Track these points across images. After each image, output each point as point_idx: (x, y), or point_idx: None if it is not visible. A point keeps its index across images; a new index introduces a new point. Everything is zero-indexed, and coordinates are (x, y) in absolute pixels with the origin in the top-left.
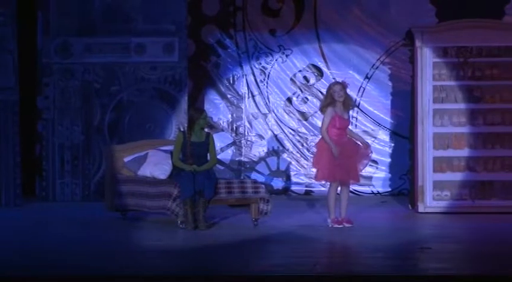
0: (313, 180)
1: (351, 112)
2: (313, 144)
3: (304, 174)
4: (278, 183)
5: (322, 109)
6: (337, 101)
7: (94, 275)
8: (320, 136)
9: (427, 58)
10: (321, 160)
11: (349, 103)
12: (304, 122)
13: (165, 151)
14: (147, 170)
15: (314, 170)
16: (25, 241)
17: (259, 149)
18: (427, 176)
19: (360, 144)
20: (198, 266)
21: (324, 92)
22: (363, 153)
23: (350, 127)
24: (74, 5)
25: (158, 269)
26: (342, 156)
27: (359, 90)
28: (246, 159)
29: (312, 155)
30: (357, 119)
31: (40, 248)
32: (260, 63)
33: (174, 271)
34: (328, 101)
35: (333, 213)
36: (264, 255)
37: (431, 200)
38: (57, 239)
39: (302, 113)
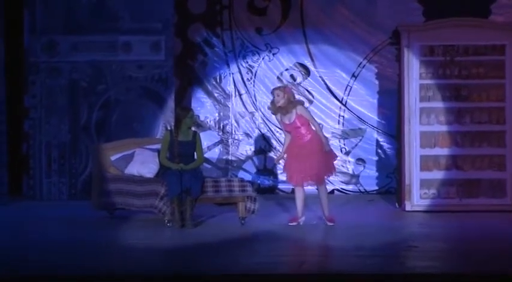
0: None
1: (299, 113)
2: None
3: None
4: (265, 182)
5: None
6: (276, 105)
7: (80, 274)
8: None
9: (413, 57)
10: (286, 165)
11: (291, 104)
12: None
13: (152, 150)
14: (134, 169)
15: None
16: (10, 240)
17: (246, 148)
18: (414, 174)
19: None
20: (185, 264)
21: (311, 91)
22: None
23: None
24: (61, 3)
25: (145, 267)
26: (301, 157)
27: (346, 89)
28: (233, 158)
29: None
30: (344, 117)
31: (25, 247)
32: (247, 62)
33: (161, 270)
34: (272, 107)
35: (299, 213)
36: (251, 254)
37: (419, 199)
38: (43, 238)
39: None
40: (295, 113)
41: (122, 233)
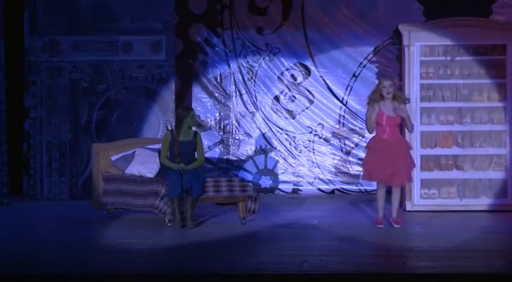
0: (362, 179)
1: (406, 107)
2: (301, 142)
3: (292, 172)
4: (266, 182)
5: (368, 103)
6: (386, 97)
7: (80, 274)
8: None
9: (414, 56)
10: (368, 159)
11: (399, 98)
12: (292, 120)
13: (153, 149)
14: (135, 169)
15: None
16: (10, 240)
17: (247, 148)
18: (414, 174)
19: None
20: (186, 264)
21: (311, 91)
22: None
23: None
24: (61, 3)
25: (146, 267)
26: (388, 155)
27: (346, 89)
28: (233, 158)
29: (299, 154)
30: (344, 117)
31: (25, 247)
32: (248, 62)
33: (162, 269)
34: (374, 96)
35: (380, 213)
36: (251, 254)
37: (419, 199)
38: (43, 238)
39: (290, 112)
40: (400, 106)
41: (122, 233)
